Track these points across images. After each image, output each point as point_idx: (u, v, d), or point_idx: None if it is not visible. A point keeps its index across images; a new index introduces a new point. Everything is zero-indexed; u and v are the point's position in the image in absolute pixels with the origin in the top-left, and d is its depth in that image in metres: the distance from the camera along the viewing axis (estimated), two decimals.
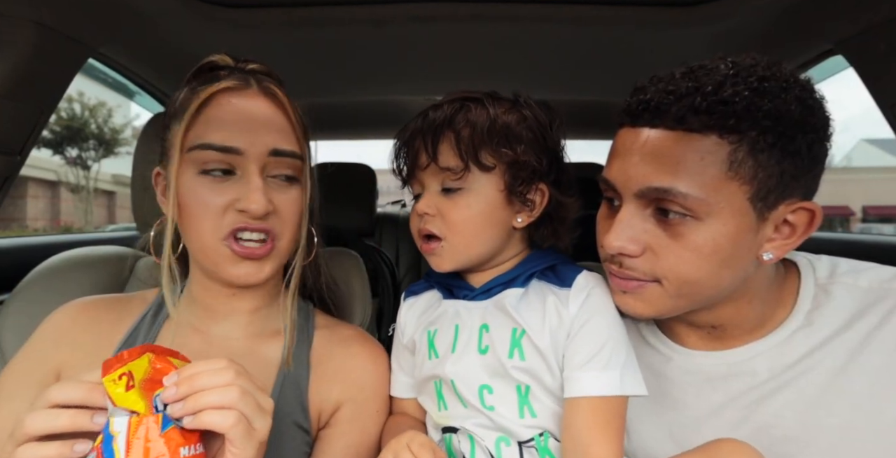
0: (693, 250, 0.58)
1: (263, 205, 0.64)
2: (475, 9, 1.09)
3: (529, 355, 0.66)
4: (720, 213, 0.57)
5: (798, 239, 0.60)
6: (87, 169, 15.43)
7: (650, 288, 0.62)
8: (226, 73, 0.70)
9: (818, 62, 1.20)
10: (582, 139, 2.25)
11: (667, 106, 0.57)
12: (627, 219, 0.61)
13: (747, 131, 0.55)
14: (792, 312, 0.65)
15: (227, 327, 0.73)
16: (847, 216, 23.03)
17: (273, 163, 0.67)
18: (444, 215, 0.69)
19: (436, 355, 0.72)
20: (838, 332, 0.62)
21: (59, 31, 0.99)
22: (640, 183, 0.59)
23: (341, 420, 0.72)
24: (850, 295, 0.63)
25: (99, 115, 15.00)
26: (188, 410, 0.47)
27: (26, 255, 1.36)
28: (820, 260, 0.68)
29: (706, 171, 0.56)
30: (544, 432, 0.65)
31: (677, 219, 0.58)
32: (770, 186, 0.56)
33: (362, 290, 0.96)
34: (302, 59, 1.33)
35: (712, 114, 0.55)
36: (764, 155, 0.55)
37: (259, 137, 0.66)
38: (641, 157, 0.59)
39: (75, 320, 0.72)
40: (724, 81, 0.56)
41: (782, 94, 0.55)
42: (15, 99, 0.98)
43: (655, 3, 1.08)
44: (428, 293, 0.80)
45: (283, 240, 0.69)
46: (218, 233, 0.65)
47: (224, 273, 0.67)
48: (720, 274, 0.59)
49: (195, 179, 0.65)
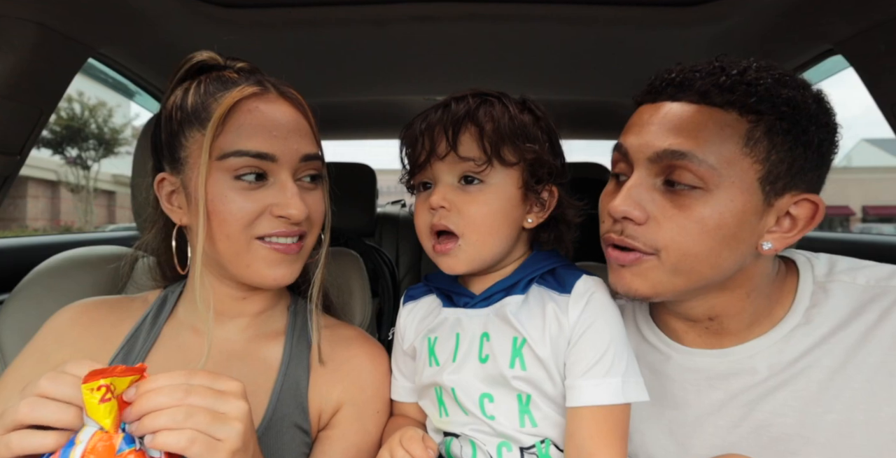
0: (697, 221, 0.58)
1: (303, 210, 0.66)
2: (475, 9, 1.09)
3: (530, 365, 0.65)
4: (730, 187, 0.58)
5: (798, 233, 0.60)
6: (87, 169, 15.42)
7: (648, 262, 0.62)
8: (236, 76, 0.70)
9: (818, 62, 1.20)
10: (582, 139, 2.25)
11: (691, 82, 0.60)
12: (636, 185, 0.62)
13: (766, 113, 0.57)
14: (790, 309, 0.65)
15: (229, 330, 0.74)
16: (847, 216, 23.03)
17: (302, 167, 0.69)
18: (460, 210, 0.67)
19: (436, 363, 0.71)
20: (836, 330, 0.62)
21: (59, 31, 0.99)
22: (656, 147, 0.60)
23: (341, 421, 0.72)
24: (847, 293, 0.64)
25: (99, 115, 14.99)
26: (143, 430, 0.45)
27: (26, 255, 1.36)
28: (819, 258, 0.69)
29: (724, 143, 0.57)
30: (545, 439, 0.65)
31: (685, 190, 0.59)
32: (780, 171, 0.58)
33: (362, 290, 0.96)
34: (302, 59, 1.33)
35: (735, 92, 0.57)
36: (779, 138, 0.57)
37: (290, 144, 0.67)
38: (660, 126, 0.60)
39: (77, 321, 0.72)
40: (749, 67, 0.60)
41: (801, 89, 0.58)
42: (15, 99, 0.98)
43: (655, 3, 1.08)
44: (427, 298, 0.79)
45: (310, 239, 0.72)
46: (250, 236, 0.66)
47: (256, 275, 0.67)
48: (720, 253, 0.59)
49: (226, 184, 0.65)
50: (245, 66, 0.72)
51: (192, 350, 0.71)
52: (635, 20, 1.11)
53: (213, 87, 0.67)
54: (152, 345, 0.71)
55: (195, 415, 0.46)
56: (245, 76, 0.70)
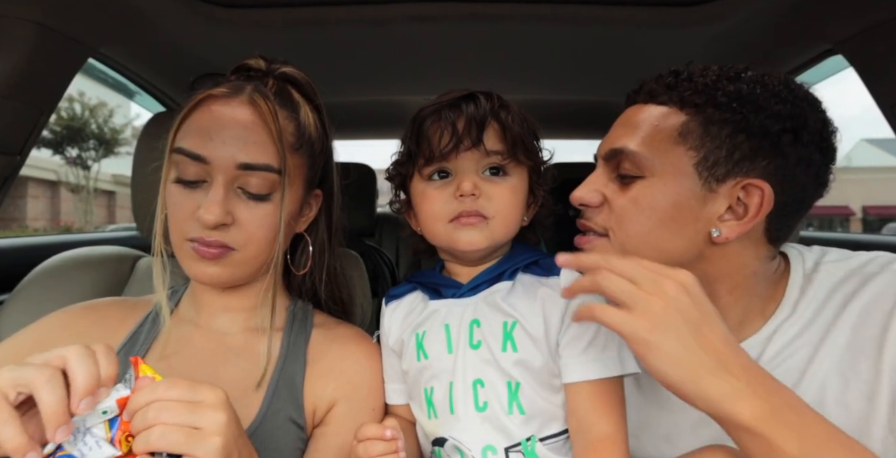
0: (635, 203, 0.64)
1: (218, 216, 0.64)
2: (475, 9, 1.09)
3: (522, 346, 0.67)
4: (663, 173, 0.63)
5: (750, 221, 0.61)
6: (87, 169, 15.43)
7: (599, 242, 0.68)
8: (243, 78, 0.72)
9: (818, 62, 1.20)
10: (582, 139, 2.25)
11: (647, 85, 0.67)
12: (594, 177, 0.69)
13: (703, 105, 0.61)
14: (781, 303, 0.66)
15: (226, 323, 0.75)
16: (847, 216, 23.04)
17: (243, 176, 0.66)
18: (490, 196, 0.70)
19: (425, 357, 0.72)
20: (814, 317, 0.63)
21: (59, 31, 0.99)
22: (606, 147, 0.68)
23: (336, 418, 0.72)
24: (828, 280, 0.65)
25: (99, 115, 15.00)
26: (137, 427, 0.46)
27: (26, 255, 1.36)
28: (811, 250, 0.70)
29: (657, 134, 0.63)
30: (531, 436, 0.66)
31: (630, 180, 0.65)
32: (719, 156, 0.61)
33: (362, 290, 0.96)
34: (302, 59, 1.31)
35: (676, 88, 0.64)
36: (715, 127, 0.61)
37: (227, 149, 0.65)
38: (615, 128, 0.69)
39: (84, 315, 0.74)
40: (706, 70, 0.64)
41: (751, 82, 0.61)
42: (15, 99, 0.98)
43: (655, 3, 1.08)
44: (410, 296, 0.80)
45: (244, 252, 0.68)
46: (183, 235, 0.67)
47: (189, 272, 0.69)
48: (660, 235, 0.63)
49: (172, 180, 0.68)
50: (288, 71, 0.74)
51: (191, 342, 0.73)
52: (635, 20, 1.11)
53: (204, 88, 0.69)
54: (153, 340, 0.72)
55: (168, 435, 0.45)
56: (239, 82, 0.71)
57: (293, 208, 0.73)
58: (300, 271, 0.79)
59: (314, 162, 0.75)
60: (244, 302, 0.76)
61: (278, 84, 0.73)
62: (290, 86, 0.74)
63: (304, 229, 0.79)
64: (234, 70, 0.75)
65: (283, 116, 0.70)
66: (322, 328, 0.79)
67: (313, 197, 0.79)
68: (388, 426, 0.60)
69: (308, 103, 0.75)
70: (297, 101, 0.73)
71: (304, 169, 0.73)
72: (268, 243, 0.69)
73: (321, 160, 0.77)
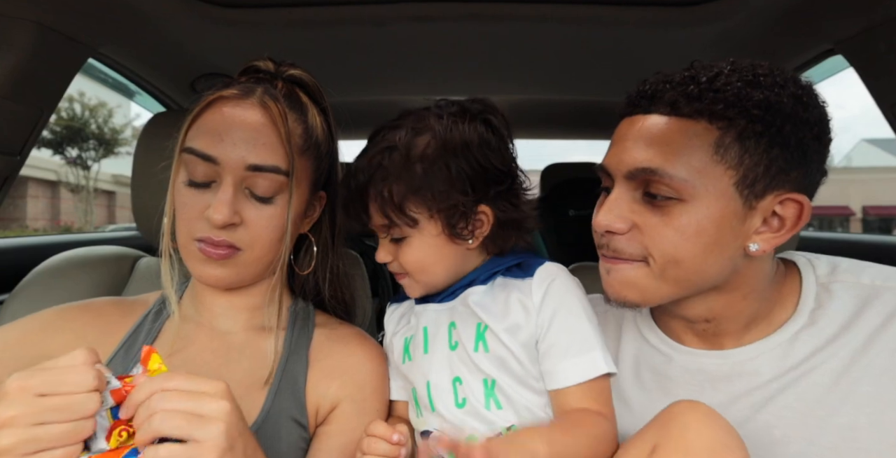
0: (677, 229, 0.59)
1: (226, 216, 0.64)
2: (475, 9, 1.09)
3: (493, 347, 0.68)
4: (705, 196, 0.58)
5: (787, 233, 0.60)
6: (87, 169, 15.41)
7: (636, 267, 0.63)
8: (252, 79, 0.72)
9: (818, 62, 1.20)
10: (582, 139, 2.24)
11: (661, 93, 0.61)
12: (617, 199, 0.63)
13: (736, 119, 0.57)
14: (796, 311, 0.65)
15: (228, 322, 0.75)
16: (847, 216, 23.03)
17: (252, 177, 0.67)
18: (399, 262, 0.71)
19: (409, 359, 0.74)
20: (841, 331, 0.62)
21: (59, 31, 0.99)
22: (629, 164, 0.61)
23: (339, 418, 0.72)
24: (851, 293, 0.63)
25: (99, 115, 14.98)
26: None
27: (26, 255, 1.36)
28: (819, 259, 0.69)
29: (693, 154, 0.58)
30: (512, 425, 0.66)
31: (664, 201, 0.60)
32: (757, 173, 0.58)
33: (362, 290, 0.96)
34: (302, 59, 1.31)
35: (703, 100, 0.58)
36: (751, 142, 0.57)
37: (237, 150, 0.66)
38: (634, 141, 0.62)
39: (82, 314, 0.74)
40: (720, 74, 0.60)
41: (776, 88, 0.58)
42: (15, 99, 0.98)
43: (655, 3, 1.08)
44: (408, 301, 0.83)
45: (251, 252, 0.69)
46: (190, 236, 0.67)
47: (194, 273, 0.70)
48: (705, 259, 0.60)
49: (182, 180, 0.68)
50: (296, 73, 0.75)
51: (196, 342, 0.73)
52: (635, 20, 1.11)
53: (215, 89, 0.70)
54: (155, 338, 0.73)
55: (169, 420, 0.46)
56: (249, 84, 0.71)
57: (299, 210, 0.73)
58: (304, 271, 0.79)
59: (320, 164, 0.76)
60: (247, 301, 0.76)
61: (287, 86, 0.74)
62: (298, 88, 0.75)
63: (307, 229, 0.80)
64: (243, 71, 0.75)
65: (291, 119, 0.70)
66: (324, 328, 0.79)
67: (317, 198, 0.79)
68: (398, 430, 0.61)
69: (315, 106, 0.76)
70: (305, 103, 0.74)
71: (311, 171, 0.74)
72: (274, 243, 0.70)
73: (327, 162, 0.78)
